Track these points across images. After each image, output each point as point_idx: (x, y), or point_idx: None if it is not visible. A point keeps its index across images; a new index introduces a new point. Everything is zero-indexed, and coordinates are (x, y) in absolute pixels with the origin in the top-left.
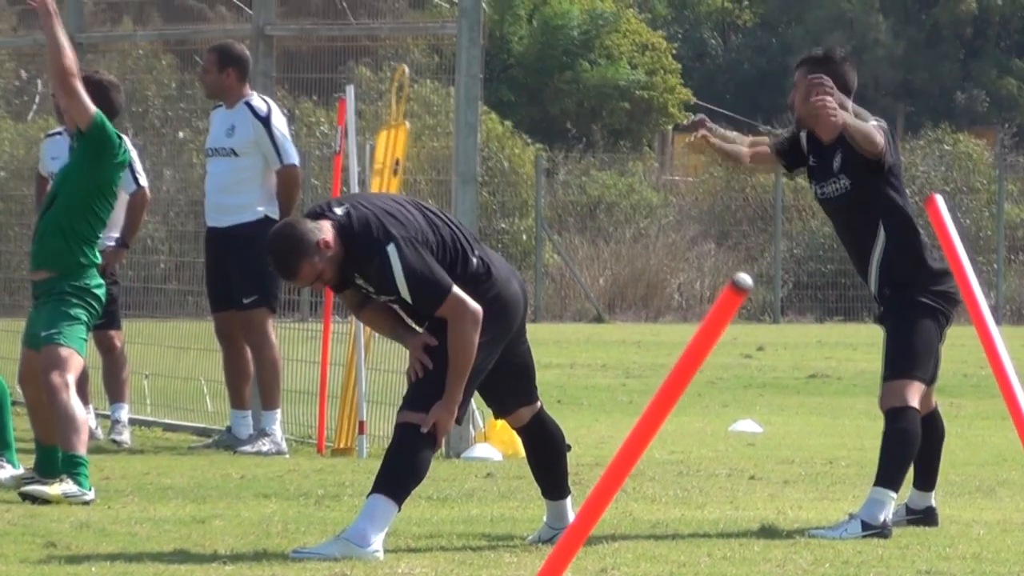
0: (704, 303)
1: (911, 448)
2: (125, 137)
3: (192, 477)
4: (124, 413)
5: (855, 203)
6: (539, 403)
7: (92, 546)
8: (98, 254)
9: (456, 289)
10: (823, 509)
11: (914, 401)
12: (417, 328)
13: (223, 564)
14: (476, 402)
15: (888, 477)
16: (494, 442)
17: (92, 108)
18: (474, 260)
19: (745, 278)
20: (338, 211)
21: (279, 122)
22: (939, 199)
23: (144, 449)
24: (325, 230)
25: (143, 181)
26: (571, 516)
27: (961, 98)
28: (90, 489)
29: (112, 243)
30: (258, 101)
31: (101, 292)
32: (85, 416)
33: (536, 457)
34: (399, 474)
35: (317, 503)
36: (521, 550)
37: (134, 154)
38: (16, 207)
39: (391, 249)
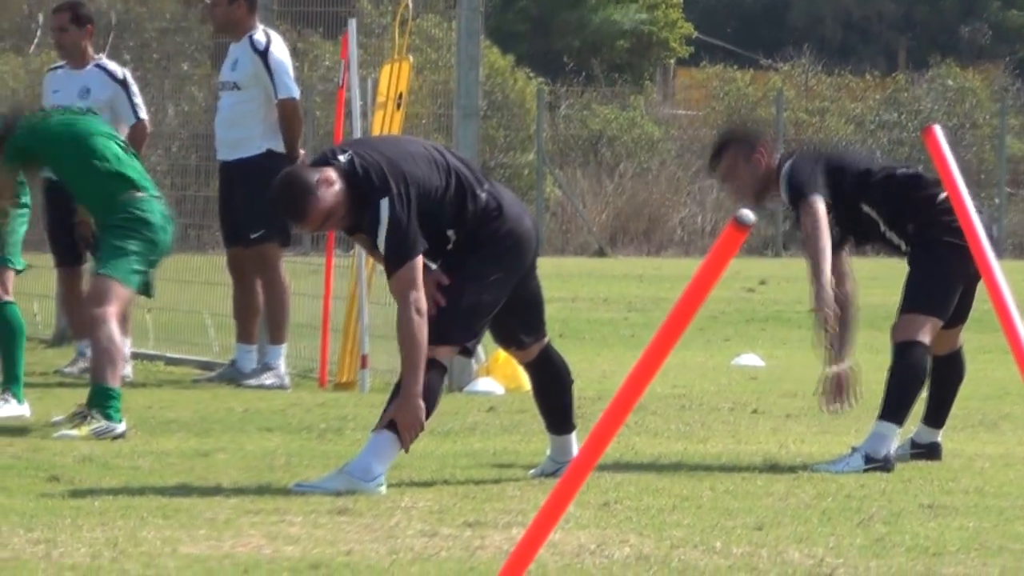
0: (706, 237)
1: (917, 383)
2: (126, 70)
3: (195, 411)
4: (127, 347)
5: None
6: (547, 338)
7: (95, 480)
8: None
9: (416, 262)
10: (826, 443)
11: (924, 337)
12: (431, 265)
13: (226, 497)
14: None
15: (892, 411)
16: (496, 376)
17: None
18: (482, 195)
19: (748, 214)
20: (342, 158)
21: (278, 54)
22: (937, 130)
23: (147, 383)
24: (327, 174)
25: (143, 114)
26: (575, 450)
27: (964, 31)
28: (121, 422)
29: None
30: (259, 34)
31: (154, 217)
32: (122, 349)
33: (542, 391)
34: None
35: (320, 437)
36: (524, 483)
37: (134, 87)
38: None
39: (384, 203)
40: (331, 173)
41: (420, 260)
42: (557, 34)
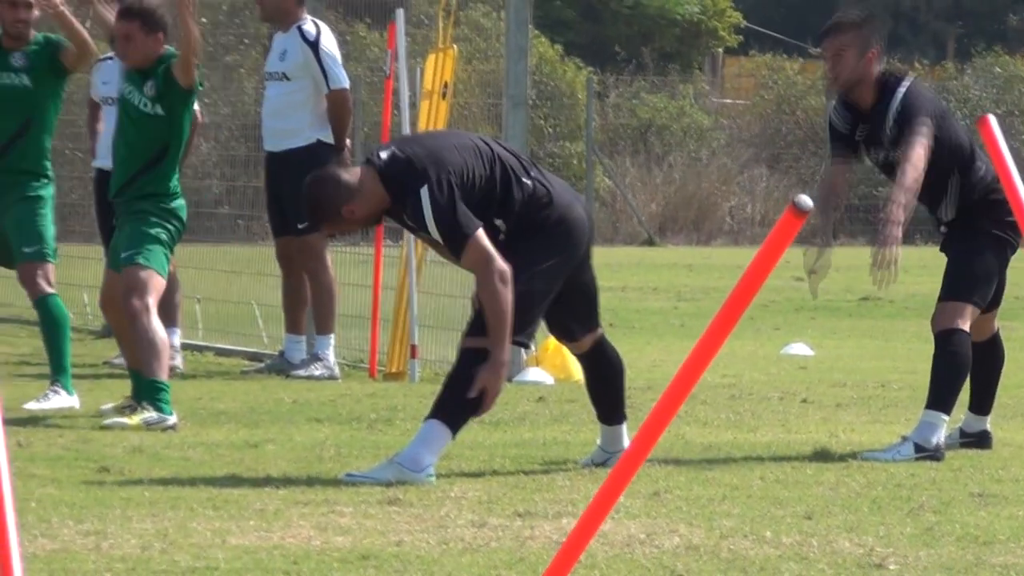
0: (755, 227)
1: (962, 370)
2: None
3: (244, 402)
4: (176, 338)
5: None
6: (600, 330)
7: (145, 470)
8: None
9: (479, 236)
10: (875, 432)
11: (964, 324)
12: None
13: (276, 488)
14: None
15: (939, 399)
16: (546, 366)
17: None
18: (529, 183)
19: (806, 200)
20: (383, 155)
21: (328, 45)
22: (991, 119)
23: (196, 374)
24: (358, 176)
25: (196, 105)
26: (626, 441)
27: (1014, 20)
28: (171, 414)
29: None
30: (309, 25)
31: (182, 212)
32: (166, 339)
33: (594, 382)
34: (456, 401)
35: (369, 427)
36: (574, 473)
37: None
38: (69, 131)
39: (424, 191)
40: (363, 173)
41: (482, 233)
42: (608, 22)
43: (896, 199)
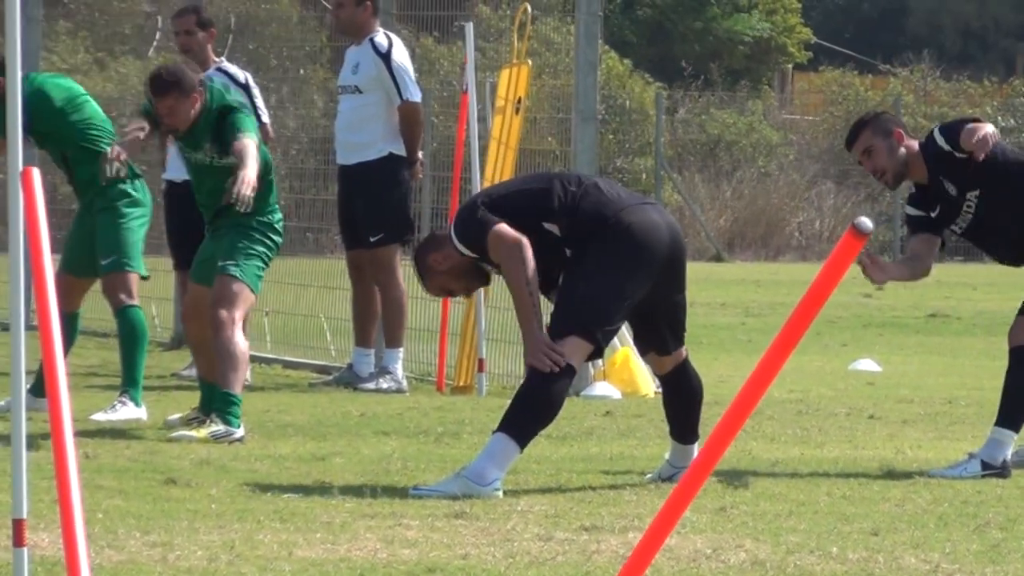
0: (824, 242)
1: None
2: (247, 73)
3: (312, 414)
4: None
5: (991, 210)
6: (684, 354)
7: (212, 483)
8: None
9: (497, 227)
10: (942, 449)
11: None
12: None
13: (342, 501)
14: None
15: (1009, 417)
16: (613, 380)
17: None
18: (574, 188)
19: (866, 222)
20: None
21: (400, 58)
22: None
23: (264, 386)
24: (441, 257)
25: (265, 118)
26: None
27: None
28: (239, 427)
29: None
30: (381, 37)
31: (280, 225)
32: (247, 353)
33: (672, 401)
34: (526, 415)
35: (436, 441)
36: (640, 488)
37: (256, 90)
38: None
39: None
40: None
41: (498, 227)
42: (677, 42)
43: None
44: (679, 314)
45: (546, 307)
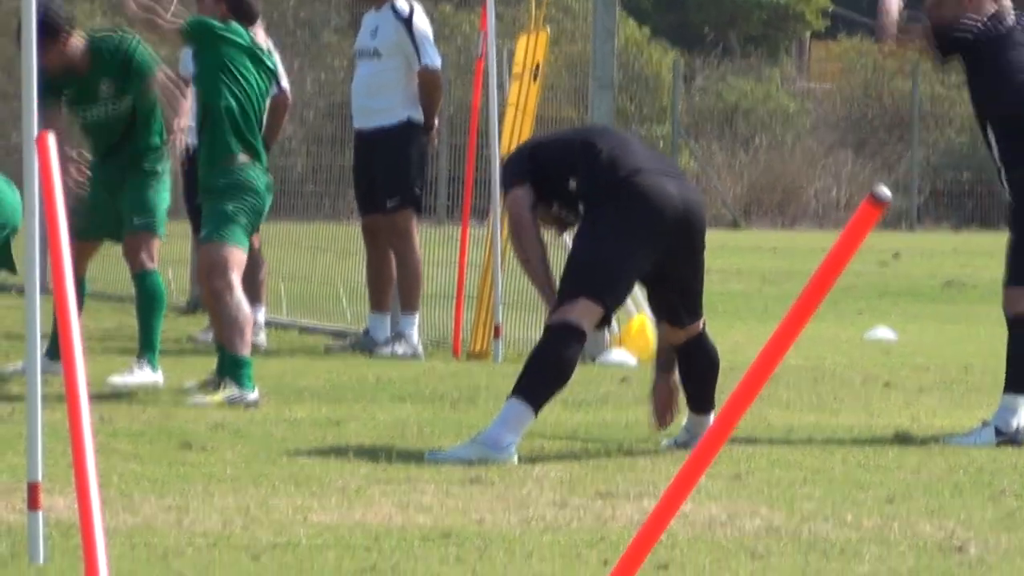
0: (840, 210)
1: None
2: (268, 39)
3: (328, 379)
4: (261, 315)
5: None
6: (700, 327)
7: (227, 447)
8: (259, 148)
9: (513, 192)
10: (958, 417)
11: None
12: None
13: (358, 466)
14: None
15: (1017, 383)
16: (629, 347)
17: (175, 26)
18: (601, 146)
19: (884, 191)
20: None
21: (421, 23)
22: None
23: (280, 351)
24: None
25: (285, 83)
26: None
27: None
28: (253, 390)
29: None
30: (402, 2)
31: (259, 184)
32: (249, 315)
33: (687, 372)
34: (539, 379)
35: (452, 406)
36: (656, 454)
37: (276, 56)
38: None
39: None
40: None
41: (515, 190)
42: (693, 8)
43: None
44: (693, 288)
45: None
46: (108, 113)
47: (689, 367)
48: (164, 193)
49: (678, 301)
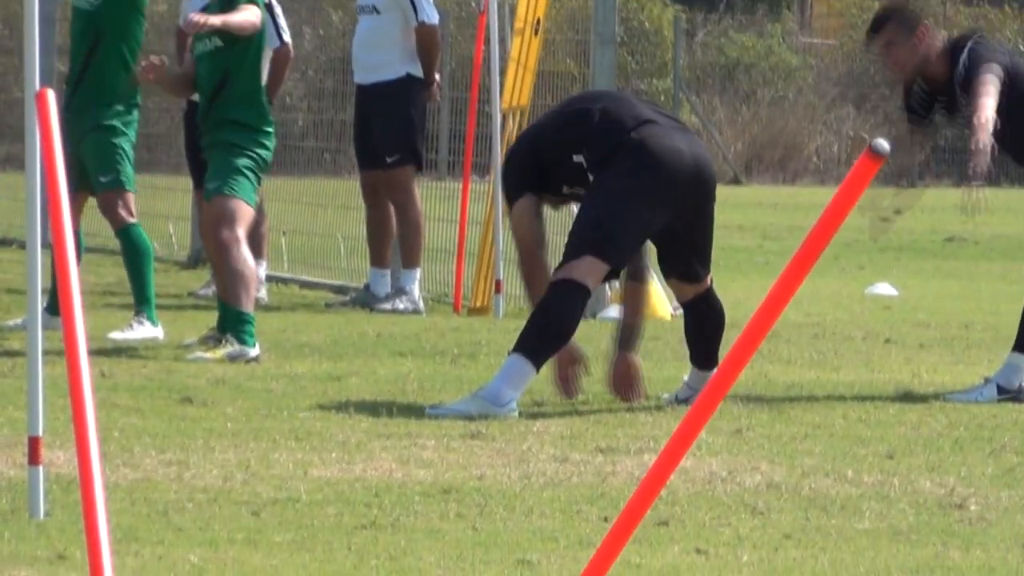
0: (842, 166)
1: None
2: None
3: (328, 334)
4: (262, 270)
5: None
6: (707, 284)
7: (228, 402)
8: (264, 104)
9: (516, 204)
10: (958, 373)
11: None
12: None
13: (358, 421)
14: None
15: None
16: None
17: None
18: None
19: (883, 143)
20: None
21: None
22: None
23: (281, 306)
24: None
25: (287, 37)
26: None
27: None
28: (254, 346)
29: None
30: None
31: (267, 139)
32: (255, 270)
33: (693, 328)
34: (541, 336)
35: (453, 361)
36: (656, 410)
37: (278, 9)
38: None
39: None
40: None
41: (519, 203)
42: None
43: (979, 126)
44: (705, 242)
45: None
46: None
47: (697, 324)
48: (129, 149)
49: (691, 256)
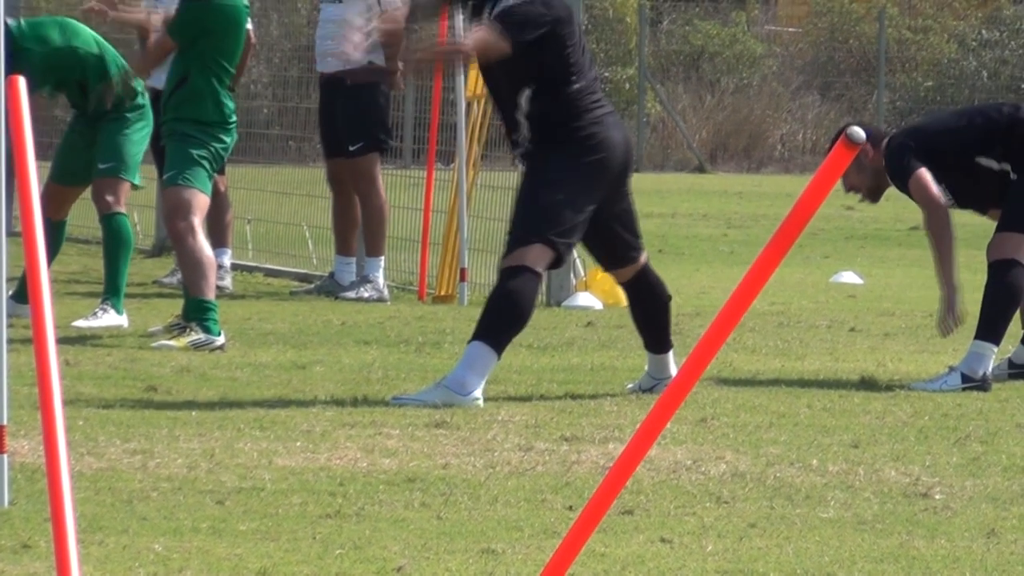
0: (806, 154)
1: (1014, 302)
2: None
3: (293, 323)
4: (227, 258)
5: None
6: (643, 260)
7: (192, 390)
8: (226, 97)
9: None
10: (923, 362)
11: (1021, 255)
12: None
13: (323, 410)
14: (578, 251)
15: (989, 330)
16: (595, 291)
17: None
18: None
19: (858, 131)
20: None
21: None
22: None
23: (245, 294)
24: None
25: (249, 24)
26: (673, 368)
27: None
28: (219, 334)
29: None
30: None
31: (225, 135)
32: (212, 258)
33: (639, 312)
34: (498, 322)
35: (417, 350)
36: (621, 399)
37: None
38: (122, 50)
39: None
40: None
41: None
42: None
43: (947, 285)
44: (630, 215)
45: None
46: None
47: (642, 310)
48: (139, 142)
49: (623, 231)
